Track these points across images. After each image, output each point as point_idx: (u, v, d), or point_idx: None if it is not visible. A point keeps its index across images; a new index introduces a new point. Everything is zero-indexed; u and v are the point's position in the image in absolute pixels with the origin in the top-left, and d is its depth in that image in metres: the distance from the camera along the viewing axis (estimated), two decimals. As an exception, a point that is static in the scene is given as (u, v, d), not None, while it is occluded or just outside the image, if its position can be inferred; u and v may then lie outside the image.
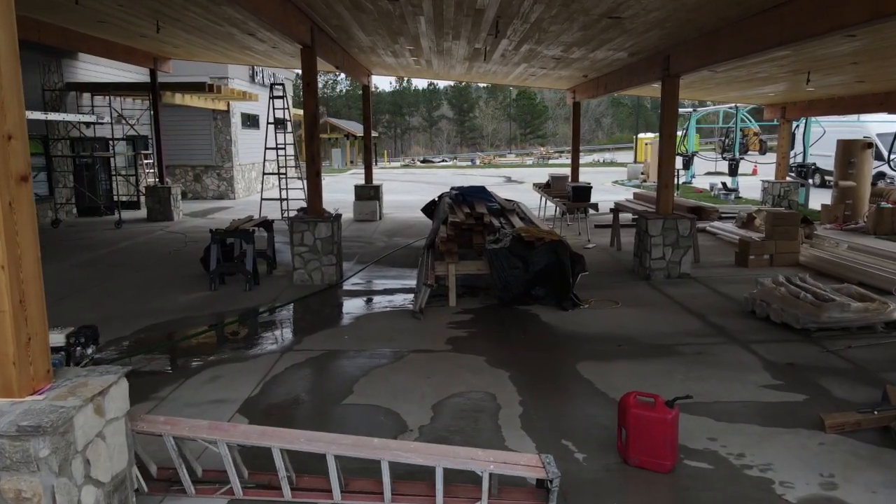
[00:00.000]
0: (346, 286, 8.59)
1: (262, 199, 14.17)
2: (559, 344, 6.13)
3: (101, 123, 13.99)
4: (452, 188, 11.17)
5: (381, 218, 15.27)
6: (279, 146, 14.13)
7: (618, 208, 11.03)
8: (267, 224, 9.45)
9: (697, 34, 7.37)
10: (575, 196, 11.75)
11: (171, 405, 4.65)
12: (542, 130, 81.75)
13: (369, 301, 7.86)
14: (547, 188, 14.06)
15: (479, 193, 10.15)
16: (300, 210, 9.17)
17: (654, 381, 5.07)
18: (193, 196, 20.03)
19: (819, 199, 16.62)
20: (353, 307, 7.61)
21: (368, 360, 5.66)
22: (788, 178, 15.70)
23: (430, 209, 11.44)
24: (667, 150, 8.69)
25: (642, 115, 58.92)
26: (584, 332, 6.45)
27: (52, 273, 9.12)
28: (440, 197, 11.31)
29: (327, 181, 31.14)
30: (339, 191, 24.15)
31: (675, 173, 14.66)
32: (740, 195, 19.11)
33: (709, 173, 27.86)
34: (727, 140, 27.06)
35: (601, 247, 11.33)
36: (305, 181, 10.13)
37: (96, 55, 12.87)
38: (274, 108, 14.05)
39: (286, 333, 6.55)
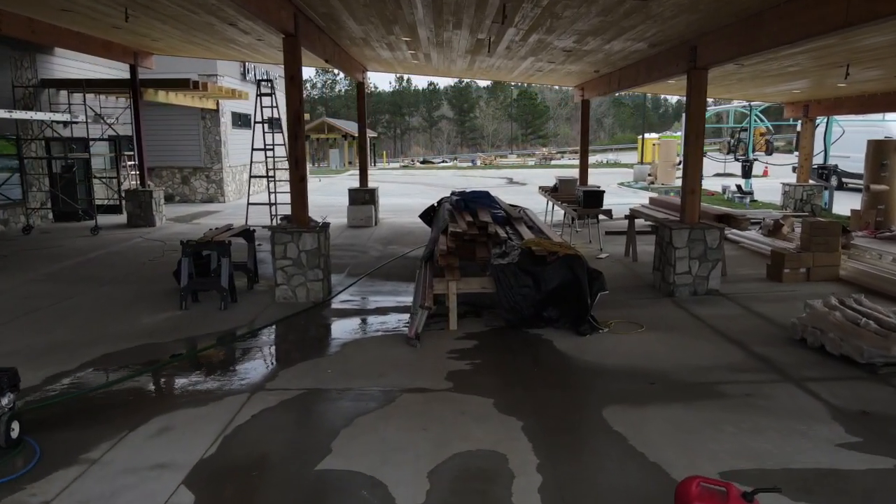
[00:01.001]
0: (335, 304, 7.66)
1: (248, 203, 13.24)
2: (579, 380, 5.21)
3: (75, 123, 13.05)
4: (453, 193, 10.24)
5: (376, 224, 14.33)
6: (268, 147, 13.19)
7: (633, 215, 10.10)
8: (248, 234, 8.52)
9: (735, 19, 6.44)
10: (586, 201, 10.81)
11: (102, 473, 3.71)
12: (544, 131, 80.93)
13: (359, 323, 6.93)
14: (554, 192, 13.13)
15: (483, 199, 9.21)
16: (283, 218, 8.24)
17: (699, 434, 4.14)
18: (181, 199, 19.11)
19: (840, 202, 15.70)
20: (339, 331, 6.68)
21: (353, 402, 4.74)
22: (811, 181, 14.76)
23: (428, 215, 10.52)
24: (693, 151, 7.76)
25: (644, 116, 57.87)
26: (606, 364, 5.52)
27: (7, 289, 8.19)
28: (440, 202, 10.39)
29: (323, 183, 30.39)
30: (334, 193, 23.27)
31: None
32: (755, 198, 18.17)
33: (717, 175, 26.95)
34: (733, 140, 26.12)
35: (615, 257, 10.40)
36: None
37: (70, 49, 11.97)
38: (262, 106, 13.12)
39: (258, 366, 5.61)
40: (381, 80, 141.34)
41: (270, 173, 13.36)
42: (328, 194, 23.45)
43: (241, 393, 4.90)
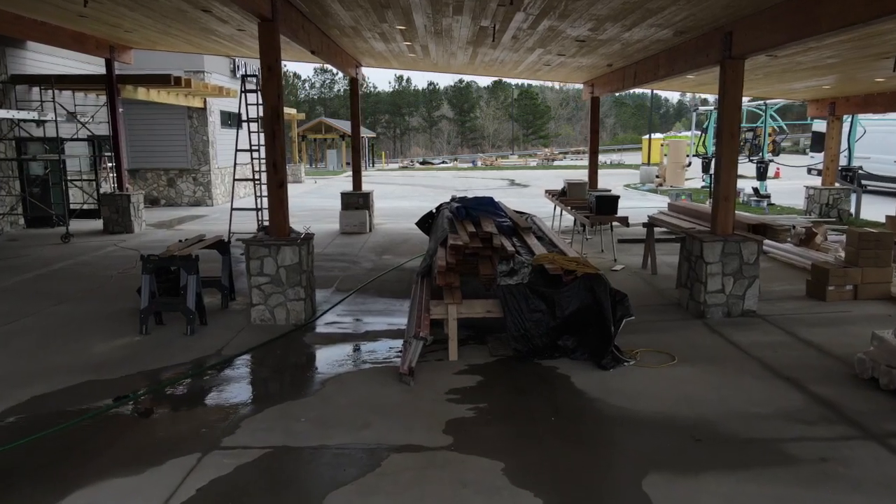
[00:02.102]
0: (319, 327, 6.72)
1: (232, 209, 12.29)
2: (607, 434, 4.26)
3: (45, 121, 12.10)
4: (454, 198, 9.28)
5: (371, 230, 13.37)
6: (253, 147, 12.23)
7: (653, 223, 9.14)
8: (222, 245, 7.57)
9: (783, -2, 5.50)
10: (599, 207, 9.85)
11: (-21, 587, 2.77)
12: (545, 131, 79.98)
13: (344, 352, 5.96)
14: (562, 196, 12.17)
15: (486, 206, 8.23)
16: (261, 229, 7.30)
17: (772, 520, 3.19)
18: (167, 203, 18.18)
19: (866, 207, 14.73)
20: (320, 362, 5.72)
21: (328, 468, 3.79)
22: (837, 184, 13.80)
23: (426, 223, 9.54)
24: (728, 152, 6.82)
25: (645, 116, 56.97)
26: (638, 410, 4.57)
27: (-54, 309, 7.24)
28: (439, 208, 9.42)
29: (320, 184, 29.42)
30: (330, 196, 22.28)
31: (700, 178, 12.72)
32: (772, 202, 17.21)
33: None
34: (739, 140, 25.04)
35: (631, 268, 9.45)
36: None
37: (37, 41, 11.06)
38: (247, 103, 12.16)
39: (217, 412, 4.64)
40: (380, 81, 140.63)
41: (257, 176, 12.39)
42: (323, 196, 22.52)
43: (189, 454, 3.95)
